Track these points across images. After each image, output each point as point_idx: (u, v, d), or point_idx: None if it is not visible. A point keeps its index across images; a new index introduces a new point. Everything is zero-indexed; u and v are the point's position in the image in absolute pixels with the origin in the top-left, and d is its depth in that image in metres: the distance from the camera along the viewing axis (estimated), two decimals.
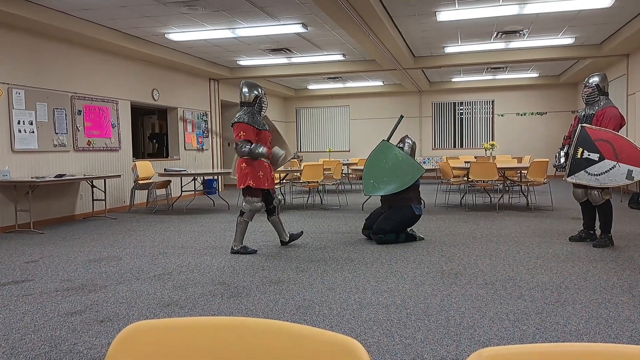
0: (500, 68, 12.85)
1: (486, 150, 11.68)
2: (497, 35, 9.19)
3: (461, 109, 16.21)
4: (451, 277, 4.12)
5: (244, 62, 11.35)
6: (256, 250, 5.27)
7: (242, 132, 4.93)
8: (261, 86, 5.26)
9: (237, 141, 4.95)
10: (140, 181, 8.98)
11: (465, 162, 9.66)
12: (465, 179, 8.77)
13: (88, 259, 5.07)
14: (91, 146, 8.52)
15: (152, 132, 14.29)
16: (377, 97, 16.50)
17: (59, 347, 2.82)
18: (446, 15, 7.64)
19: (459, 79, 14.84)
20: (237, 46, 9.68)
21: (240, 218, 5.16)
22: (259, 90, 5.16)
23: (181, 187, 10.10)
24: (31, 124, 7.33)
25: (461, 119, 16.25)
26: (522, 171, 8.73)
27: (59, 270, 4.61)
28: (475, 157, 12.45)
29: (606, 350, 0.82)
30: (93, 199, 8.36)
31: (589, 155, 4.93)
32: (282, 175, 9.36)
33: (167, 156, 11.83)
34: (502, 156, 12.73)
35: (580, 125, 5.08)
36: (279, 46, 9.77)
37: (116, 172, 9.01)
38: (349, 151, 16.90)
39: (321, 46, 9.87)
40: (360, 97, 16.69)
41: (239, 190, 5.26)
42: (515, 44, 9.96)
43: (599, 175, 4.89)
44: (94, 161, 8.62)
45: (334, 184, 9.99)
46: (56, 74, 7.83)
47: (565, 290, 3.70)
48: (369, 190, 5.85)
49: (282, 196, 9.87)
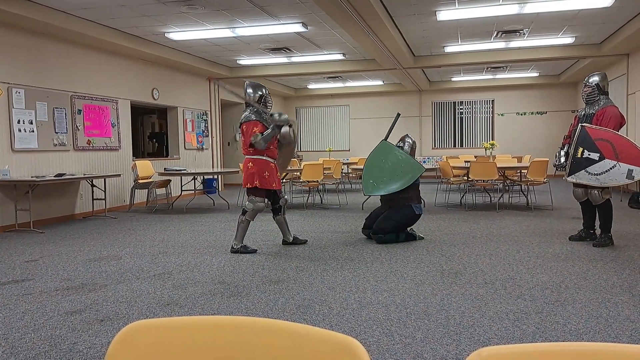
0: (500, 67, 12.85)
1: (486, 150, 11.70)
2: (497, 34, 9.18)
3: (461, 109, 16.21)
4: (451, 277, 4.12)
5: (244, 61, 11.35)
6: (256, 250, 5.27)
7: (255, 128, 5.03)
8: (265, 86, 5.32)
9: (253, 137, 4.99)
10: (140, 180, 8.98)
11: (465, 162, 9.65)
12: (465, 178, 8.77)
13: (88, 258, 5.07)
14: (91, 145, 8.52)
15: (152, 131, 14.29)
16: (377, 96, 16.50)
17: (58, 346, 2.82)
18: (446, 14, 7.64)
19: (459, 79, 14.83)
20: (237, 45, 9.68)
21: (243, 217, 5.17)
22: (264, 90, 5.23)
23: (181, 187, 10.10)
24: (31, 123, 7.33)
25: (461, 119, 16.25)
26: (522, 171, 8.73)
27: (59, 270, 4.61)
28: (475, 157, 12.44)
29: (606, 350, 0.82)
30: (93, 198, 8.36)
31: (589, 154, 4.93)
32: (282, 175, 9.35)
33: (167, 155, 11.83)
34: (502, 156, 12.72)
35: (580, 124, 5.07)
36: (279, 45, 9.77)
37: (116, 171, 9.01)
38: (349, 150, 16.90)
39: (321, 45, 9.87)
40: (360, 97, 16.69)
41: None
42: (515, 43, 9.96)
43: (599, 174, 4.89)
44: (94, 160, 8.62)
45: (334, 183, 9.99)
46: (56, 73, 7.83)
47: (565, 290, 3.70)
48: (368, 190, 5.84)
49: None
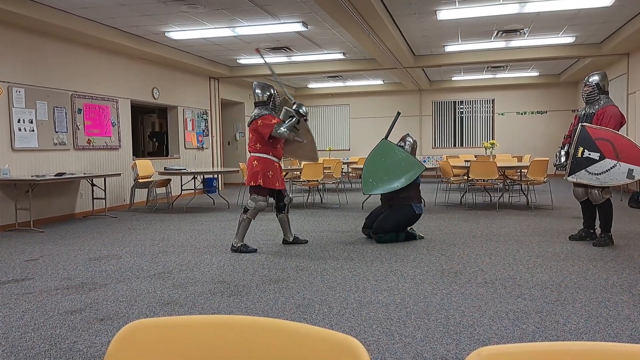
0: (500, 67, 12.84)
1: (486, 149, 11.68)
2: (497, 34, 9.18)
3: (461, 108, 16.20)
4: (451, 276, 4.12)
5: (244, 60, 11.34)
6: (256, 249, 5.27)
7: (273, 120, 5.06)
8: (272, 86, 5.35)
9: (275, 127, 4.99)
10: (140, 180, 8.98)
11: (466, 161, 9.65)
12: (466, 177, 8.77)
13: (88, 258, 5.08)
14: (91, 145, 8.52)
15: (152, 130, 14.30)
16: (378, 95, 16.49)
17: (58, 345, 2.82)
18: (446, 14, 7.63)
19: (459, 78, 14.83)
20: (237, 45, 9.68)
21: (244, 215, 5.18)
22: (272, 90, 5.26)
23: (181, 186, 10.10)
24: (31, 122, 7.33)
25: (461, 118, 16.24)
26: (522, 170, 8.73)
27: (59, 269, 4.62)
28: (476, 156, 12.44)
29: (606, 349, 0.81)
30: (93, 198, 8.36)
31: (589, 154, 4.92)
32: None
33: (167, 155, 11.83)
34: (502, 155, 12.73)
35: (580, 124, 5.07)
36: (279, 45, 9.76)
37: (116, 170, 9.01)
38: (349, 150, 16.90)
39: (321, 45, 9.86)
40: (361, 96, 16.68)
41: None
42: (516, 42, 9.95)
43: (599, 174, 4.89)
44: (94, 160, 8.62)
45: (334, 182, 9.99)
46: (56, 72, 7.82)
47: (565, 289, 3.70)
48: (367, 189, 5.82)
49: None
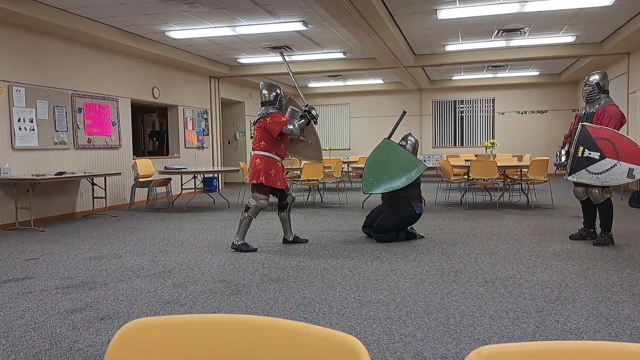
0: (500, 66, 12.83)
1: (487, 149, 11.68)
2: (497, 33, 9.17)
3: (462, 107, 16.20)
4: (451, 276, 4.12)
5: (244, 60, 11.33)
6: (256, 249, 5.27)
7: (282, 118, 5.11)
8: (279, 86, 5.38)
9: (287, 125, 5.04)
10: (140, 179, 8.98)
11: (466, 161, 9.65)
12: (466, 177, 8.77)
13: (88, 257, 5.08)
14: (91, 144, 8.52)
15: (152, 130, 14.30)
16: (378, 95, 16.49)
17: (59, 344, 2.82)
18: (447, 13, 7.63)
19: (460, 77, 14.82)
20: (238, 44, 9.67)
21: (246, 214, 5.19)
22: (278, 90, 5.28)
23: (181, 185, 10.11)
24: (31, 121, 7.33)
25: (462, 117, 16.24)
26: (523, 169, 8.73)
27: (59, 268, 4.62)
28: (476, 156, 12.44)
29: (606, 349, 0.81)
30: (93, 197, 8.36)
31: (589, 153, 4.92)
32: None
33: (167, 154, 11.82)
34: (502, 154, 12.72)
35: (580, 123, 5.07)
36: (280, 44, 9.76)
37: (116, 169, 9.01)
38: (349, 149, 16.90)
39: (321, 44, 9.86)
40: (361, 95, 16.68)
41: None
42: (516, 42, 9.95)
43: (599, 173, 4.89)
44: (94, 159, 8.62)
45: (334, 182, 9.99)
46: (56, 71, 7.82)
47: (566, 289, 3.70)
48: (368, 188, 5.81)
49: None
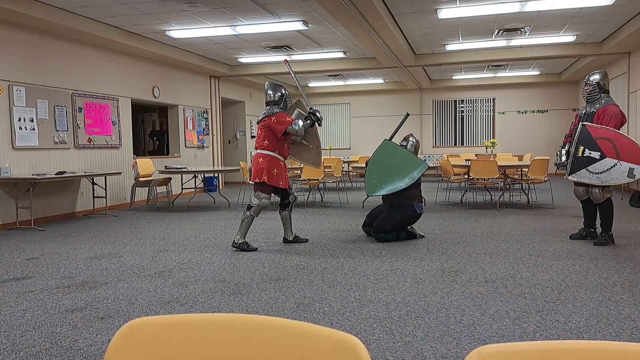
0: (501, 66, 12.82)
1: (487, 148, 11.69)
2: (498, 32, 9.17)
3: (462, 107, 16.19)
4: (451, 275, 4.12)
5: (244, 59, 11.33)
6: (257, 248, 5.27)
7: (287, 118, 5.14)
8: (284, 86, 5.39)
9: (292, 124, 5.08)
10: (140, 178, 8.99)
11: (466, 160, 9.65)
12: (466, 176, 8.77)
13: (89, 256, 5.08)
14: (92, 143, 8.52)
15: (152, 129, 14.30)
16: (378, 94, 16.48)
17: (59, 343, 2.82)
18: (447, 12, 7.62)
19: (460, 77, 14.81)
20: (238, 43, 9.67)
21: (248, 212, 5.19)
22: (283, 90, 5.31)
23: (182, 185, 10.11)
24: (32, 121, 7.33)
25: (462, 117, 16.22)
26: (523, 169, 8.73)
27: (59, 267, 4.62)
28: (476, 155, 12.44)
29: (606, 348, 0.81)
30: (94, 196, 8.36)
31: (590, 153, 4.92)
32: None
33: (167, 153, 11.83)
34: (502, 154, 12.72)
35: (581, 123, 5.07)
36: (280, 43, 9.75)
37: (117, 169, 9.02)
38: (350, 149, 16.90)
39: (322, 44, 9.86)
40: (361, 95, 16.67)
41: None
42: (517, 41, 9.94)
43: (600, 173, 4.89)
44: (94, 158, 8.62)
45: (334, 181, 9.99)
46: (57, 71, 7.82)
47: (566, 288, 3.70)
48: (371, 191, 5.79)
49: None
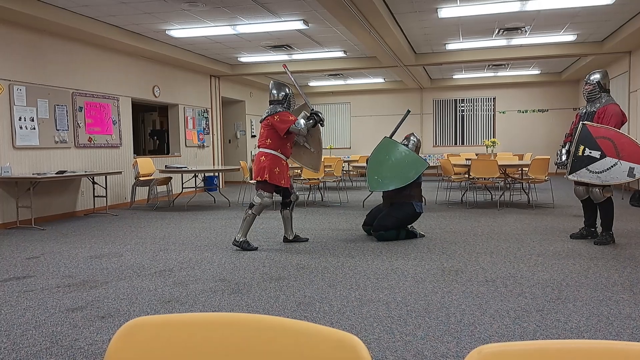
0: (501, 65, 12.82)
1: (487, 148, 11.68)
2: (498, 32, 9.16)
3: (462, 106, 16.18)
4: (452, 275, 4.12)
5: (244, 58, 11.33)
6: (257, 247, 5.28)
7: (290, 117, 5.13)
8: (288, 85, 5.39)
9: (295, 123, 5.08)
10: (141, 178, 8.99)
11: (467, 160, 9.64)
12: (466, 176, 8.76)
13: (89, 255, 5.08)
14: (92, 143, 8.52)
15: (152, 128, 14.30)
16: (378, 94, 16.47)
17: (60, 342, 2.83)
18: (447, 11, 7.62)
19: (460, 76, 14.81)
20: (238, 43, 9.67)
21: (249, 211, 5.20)
22: (287, 90, 5.31)
23: (182, 184, 10.11)
24: (32, 120, 7.33)
25: (462, 116, 16.22)
26: (524, 168, 8.72)
27: (60, 267, 4.62)
28: (477, 154, 12.43)
29: (607, 348, 0.81)
30: (94, 196, 8.36)
31: (590, 152, 4.92)
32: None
33: (167, 153, 11.83)
34: (503, 153, 12.72)
35: (581, 122, 5.07)
36: (280, 43, 9.75)
37: (117, 168, 9.02)
38: (350, 148, 16.90)
39: (322, 43, 9.85)
40: (361, 94, 16.67)
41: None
42: (517, 40, 9.94)
43: (600, 172, 4.88)
44: (95, 158, 8.62)
45: (334, 181, 9.99)
46: (57, 70, 7.82)
47: (566, 288, 3.70)
48: (373, 186, 5.80)
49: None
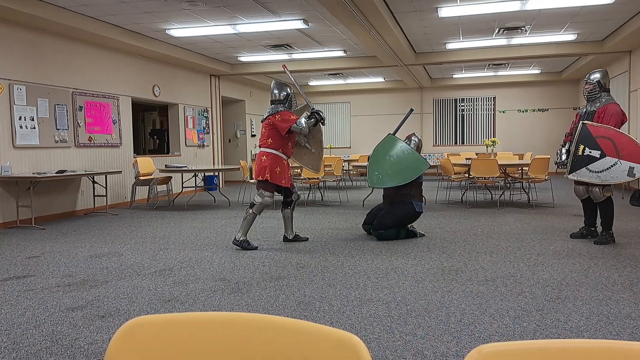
0: (501, 64, 12.81)
1: (487, 147, 11.67)
2: (498, 31, 9.16)
3: (462, 106, 16.18)
4: (452, 274, 4.12)
5: (244, 58, 11.33)
6: (257, 247, 5.28)
7: (292, 116, 5.13)
8: (290, 85, 5.39)
9: (297, 122, 5.08)
10: (141, 177, 8.99)
11: (467, 159, 9.65)
12: (467, 175, 8.76)
13: (89, 255, 5.08)
14: (92, 142, 8.52)
15: (152, 128, 14.29)
16: (378, 93, 16.47)
17: (60, 342, 2.83)
18: (447, 11, 7.62)
19: (461, 76, 14.80)
20: (238, 42, 9.67)
21: (250, 210, 5.20)
22: (288, 90, 5.31)
23: (182, 184, 10.11)
24: (32, 119, 7.33)
25: (462, 116, 16.22)
26: (524, 168, 8.72)
27: (60, 266, 4.62)
28: (477, 154, 12.43)
29: (607, 347, 0.81)
30: (94, 195, 8.36)
31: (590, 152, 4.92)
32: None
33: (167, 152, 11.83)
34: (503, 153, 12.71)
35: (581, 122, 5.06)
36: (280, 42, 9.75)
37: (117, 168, 9.02)
38: (350, 147, 16.89)
39: (322, 42, 9.85)
40: (361, 94, 16.66)
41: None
42: (517, 40, 9.93)
43: (600, 172, 4.88)
44: (95, 157, 8.62)
45: (334, 180, 9.99)
46: (57, 69, 7.82)
47: (566, 287, 3.70)
48: (373, 182, 5.80)
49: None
